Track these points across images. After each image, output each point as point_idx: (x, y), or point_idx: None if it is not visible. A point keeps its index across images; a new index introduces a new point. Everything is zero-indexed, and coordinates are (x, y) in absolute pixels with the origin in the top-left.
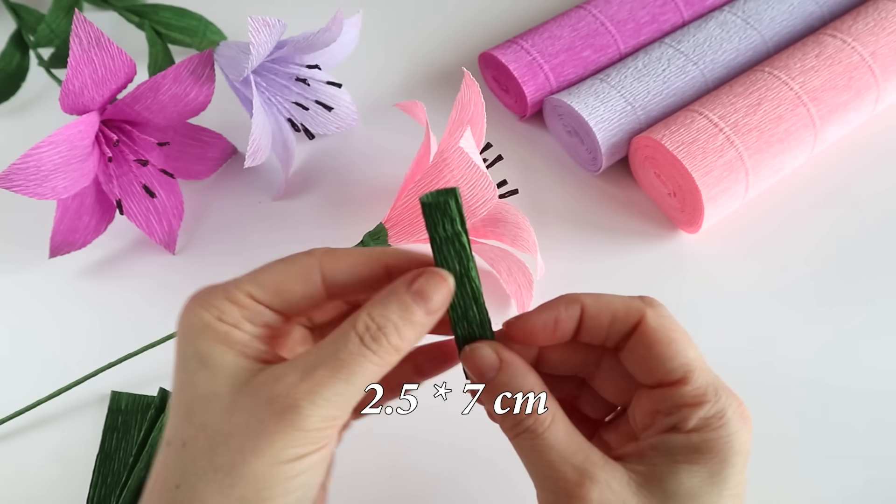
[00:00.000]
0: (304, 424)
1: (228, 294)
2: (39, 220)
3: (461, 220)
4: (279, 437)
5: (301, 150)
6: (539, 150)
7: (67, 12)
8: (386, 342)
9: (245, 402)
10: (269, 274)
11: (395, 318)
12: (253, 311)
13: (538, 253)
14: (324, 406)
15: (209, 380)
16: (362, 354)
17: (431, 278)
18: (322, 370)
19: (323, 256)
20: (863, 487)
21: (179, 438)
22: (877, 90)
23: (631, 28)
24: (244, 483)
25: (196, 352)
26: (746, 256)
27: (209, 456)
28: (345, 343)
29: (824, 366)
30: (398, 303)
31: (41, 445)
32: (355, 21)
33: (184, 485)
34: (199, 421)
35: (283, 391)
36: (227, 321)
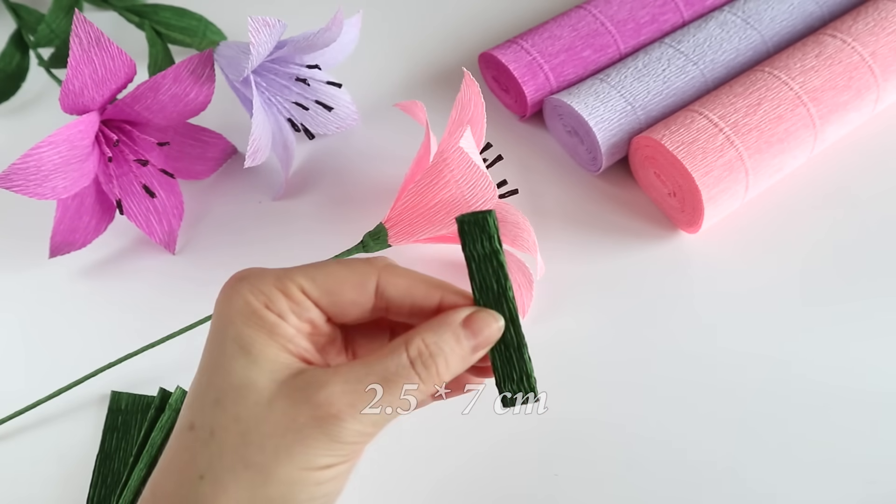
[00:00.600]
0: (342, 436)
1: (280, 283)
2: (39, 220)
3: (498, 238)
4: (315, 445)
5: (301, 150)
6: (539, 150)
7: (67, 12)
8: (435, 371)
9: (284, 402)
10: (325, 273)
11: (447, 348)
12: (301, 306)
13: (538, 253)
14: (362, 422)
15: (246, 370)
16: (409, 379)
17: (485, 315)
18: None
19: (383, 269)
20: (863, 488)
21: (207, 426)
22: (877, 90)
23: (631, 28)
24: (274, 484)
25: (238, 337)
26: (746, 256)
27: (241, 451)
28: (395, 364)
29: (824, 366)
30: (452, 334)
31: (41, 445)
32: (355, 21)
33: (209, 476)
34: (233, 412)
35: (326, 400)
36: (275, 310)
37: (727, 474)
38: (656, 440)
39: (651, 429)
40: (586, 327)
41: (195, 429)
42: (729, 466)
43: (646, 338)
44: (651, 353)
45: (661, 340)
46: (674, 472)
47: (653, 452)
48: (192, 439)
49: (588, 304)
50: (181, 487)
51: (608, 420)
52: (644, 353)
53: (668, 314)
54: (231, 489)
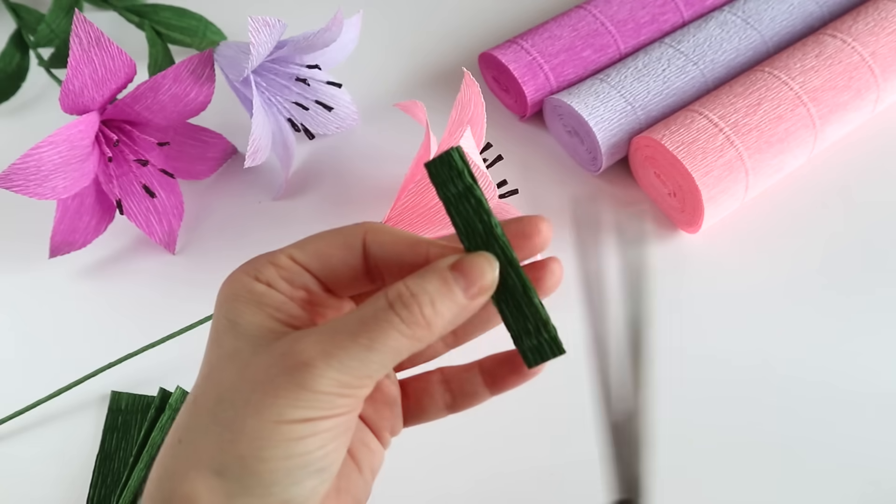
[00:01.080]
0: (314, 385)
1: (270, 256)
2: (39, 220)
3: (469, 173)
4: (284, 394)
5: (301, 150)
6: (539, 150)
7: (67, 12)
8: (418, 311)
9: (261, 359)
10: (312, 238)
11: (432, 289)
12: (291, 272)
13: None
14: (338, 369)
15: (234, 340)
16: (388, 319)
17: (474, 256)
18: (343, 333)
19: (369, 228)
20: (863, 489)
21: (192, 395)
22: (877, 90)
23: (631, 28)
24: (244, 439)
25: (227, 313)
26: (746, 256)
27: (214, 410)
28: (372, 306)
29: (824, 366)
30: (438, 276)
31: (41, 445)
32: (355, 21)
33: (185, 439)
34: (216, 379)
35: (298, 349)
36: (263, 280)
37: (725, 472)
38: (655, 439)
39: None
40: (586, 327)
41: (185, 401)
42: (729, 466)
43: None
44: (651, 352)
45: (660, 340)
46: (673, 472)
47: (651, 451)
48: (181, 411)
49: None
50: (164, 454)
51: None
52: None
53: (667, 314)
54: (203, 448)
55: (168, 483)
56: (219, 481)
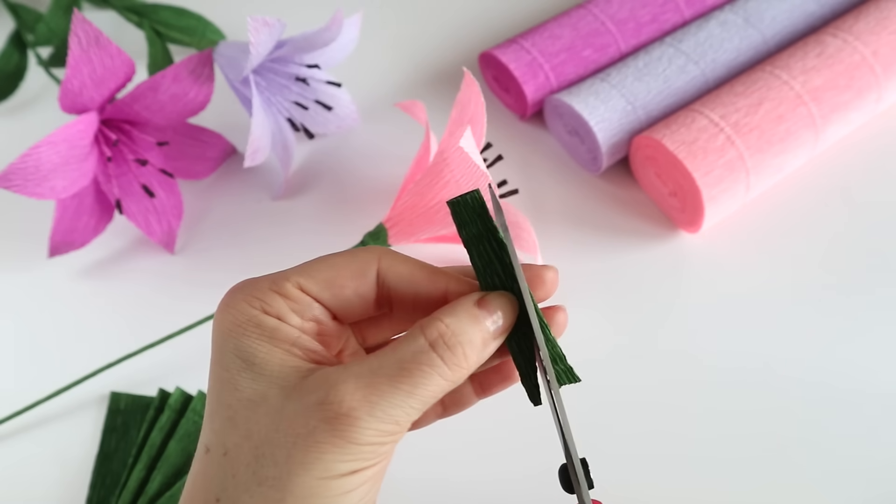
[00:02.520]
0: (360, 438)
1: (275, 285)
2: (39, 220)
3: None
4: (330, 450)
5: (301, 149)
6: (539, 150)
7: (66, 11)
8: (461, 352)
9: (294, 407)
10: (322, 265)
11: (469, 328)
12: (301, 304)
13: (538, 253)
14: (382, 419)
15: (254, 382)
16: (430, 363)
17: (496, 295)
18: (382, 378)
19: (383, 255)
20: (864, 488)
21: (221, 446)
22: (878, 90)
23: (632, 27)
24: (292, 498)
25: (238, 349)
26: (747, 256)
27: (254, 467)
28: (412, 350)
29: (824, 367)
30: (469, 315)
31: (41, 445)
32: (355, 21)
33: (224, 498)
34: (245, 428)
35: (337, 399)
36: (273, 313)
37: (726, 473)
38: (655, 439)
39: (650, 428)
40: (586, 327)
41: (210, 451)
42: (729, 466)
43: (646, 337)
44: (651, 352)
45: (661, 340)
46: (672, 472)
47: (652, 452)
48: (208, 462)
49: (588, 303)
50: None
51: (607, 419)
52: (644, 353)
53: (668, 314)
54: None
55: None
56: None
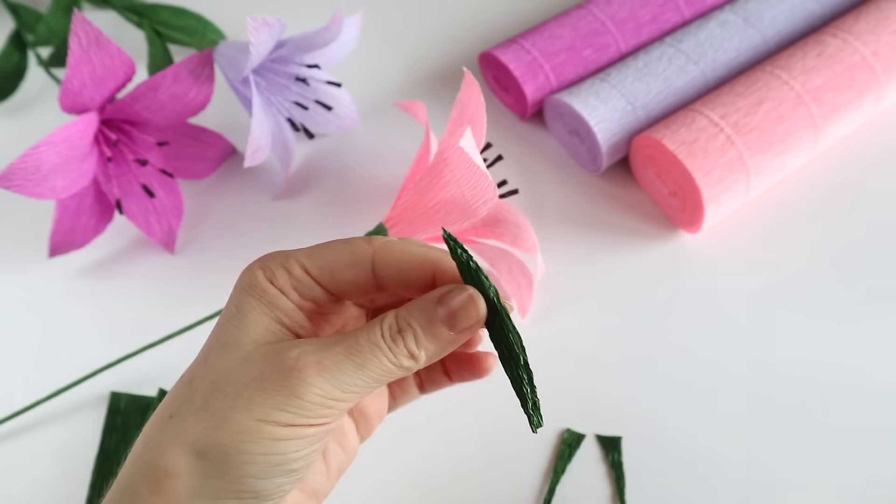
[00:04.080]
0: (304, 393)
1: (285, 261)
2: (39, 220)
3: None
4: (275, 396)
5: (301, 149)
6: (539, 150)
7: (66, 11)
8: (403, 346)
9: (258, 357)
10: (325, 252)
11: (417, 326)
12: (303, 284)
13: (538, 253)
14: (329, 382)
15: (237, 329)
16: (378, 346)
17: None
18: (338, 349)
19: (379, 247)
20: (864, 488)
21: (190, 375)
22: (878, 90)
23: (632, 27)
24: (228, 429)
25: (239, 302)
26: (747, 256)
27: (207, 397)
28: (367, 332)
29: (824, 366)
30: (425, 314)
31: (41, 445)
32: (355, 20)
33: (176, 415)
34: (213, 363)
35: (293, 355)
36: (277, 285)
37: (727, 473)
38: (655, 439)
39: (649, 428)
40: (586, 327)
41: (182, 378)
42: (729, 465)
43: (646, 337)
44: (651, 352)
45: (661, 340)
46: (671, 472)
47: (651, 452)
48: (177, 386)
49: (588, 303)
50: (153, 424)
51: (606, 420)
52: (644, 353)
53: (668, 314)
54: (190, 427)
55: (150, 454)
56: (198, 461)
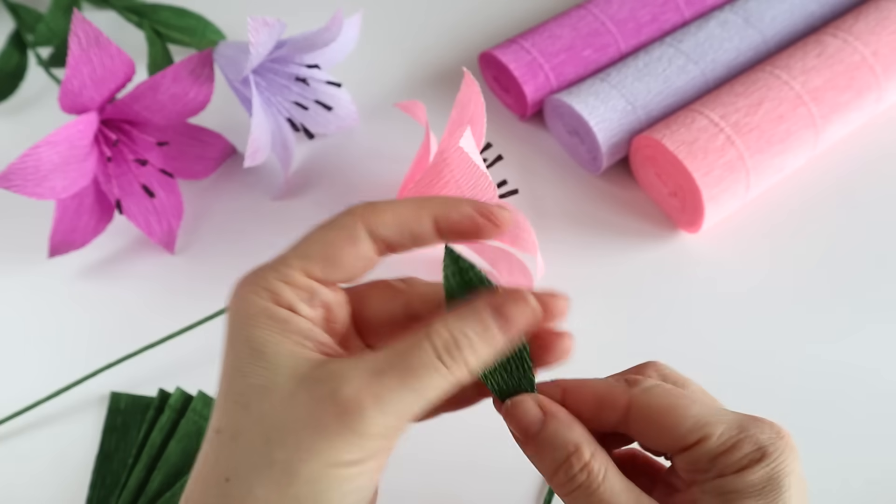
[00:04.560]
0: (367, 430)
1: (280, 274)
2: (39, 220)
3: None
4: (339, 440)
5: (301, 149)
6: (539, 150)
7: (66, 11)
8: (461, 359)
9: (305, 396)
10: (316, 244)
11: (473, 335)
12: (309, 291)
13: (538, 253)
14: (389, 414)
15: (266, 371)
16: (435, 368)
17: (515, 299)
18: (391, 377)
19: (363, 212)
20: (863, 487)
21: (232, 429)
22: (878, 90)
23: (631, 27)
24: (300, 481)
25: (248, 340)
26: (747, 256)
27: (264, 450)
28: (418, 353)
29: (824, 365)
30: (478, 320)
31: (41, 445)
32: (355, 21)
33: (235, 478)
34: (257, 412)
35: (348, 392)
36: (284, 304)
37: None
38: None
39: None
40: (586, 327)
41: (221, 432)
42: None
43: (646, 337)
44: (651, 352)
45: (661, 340)
46: None
47: None
48: (218, 443)
49: (588, 303)
50: (207, 491)
51: None
52: (644, 353)
53: (668, 314)
54: (257, 489)
55: None
56: None
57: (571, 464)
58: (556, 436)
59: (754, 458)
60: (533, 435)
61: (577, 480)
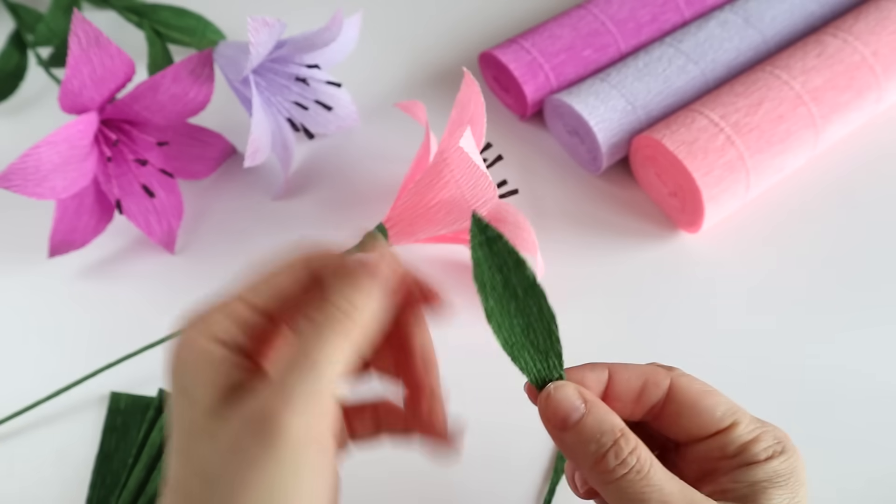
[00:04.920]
0: (289, 438)
1: (223, 307)
2: (39, 220)
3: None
4: (268, 464)
5: (301, 150)
6: (539, 150)
7: (66, 11)
8: (337, 311)
9: (225, 429)
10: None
11: (344, 286)
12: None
13: (538, 253)
14: (304, 412)
15: (191, 411)
16: (321, 335)
17: (380, 255)
18: (293, 373)
19: (244, 293)
20: (864, 487)
21: (174, 479)
22: (878, 90)
23: (631, 27)
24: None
25: (179, 381)
26: (747, 256)
27: (204, 497)
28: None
29: (824, 366)
30: (350, 276)
31: (41, 445)
32: (355, 20)
33: None
34: (190, 458)
35: (258, 407)
36: (218, 337)
37: None
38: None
39: None
40: (586, 327)
41: (168, 484)
42: None
43: (646, 337)
44: (651, 352)
45: (661, 340)
46: None
47: None
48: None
49: (588, 303)
50: None
51: None
52: (644, 353)
53: (668, 314)
54: None
55: None
56: None
57: (620, 447)
58: (603, 421)
59: (777, 449)
60: (573, 423)
61: (629, 464)
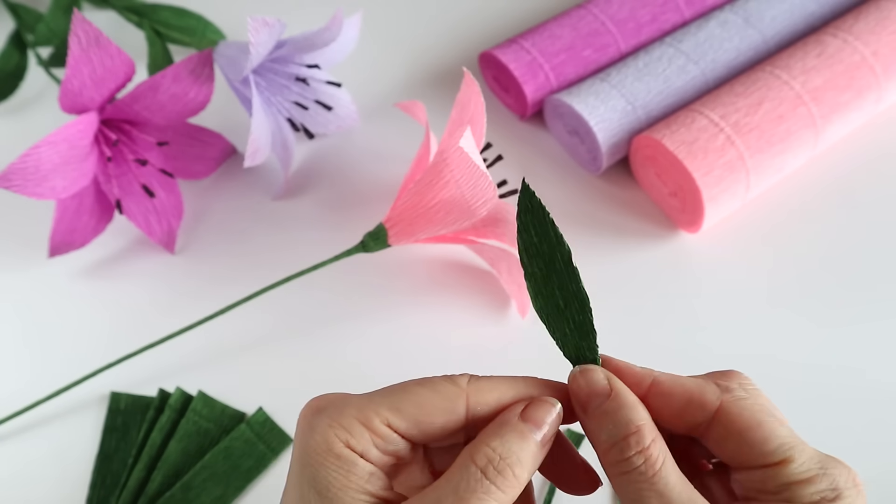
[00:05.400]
0: None
1: (362, 415)
2: (39, 220)
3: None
4: None
5: (301, 150)
6: (539, 150)
7: (66, 11)
8: (511, 474)
9: None
10: (410, 401)
11: (516, 448)
12: (387, 440)
13: None
14: None
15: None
16: (485, 489)
17: (540, 403)
18: None
19: (470, 388)
20: (864, 486)
21: None
22: (878, 90)
23: (631, 27)
24: None
25: (314, 479)
26: (747, 256)
27: None
28: (465, 479)
29: (823, 366)
30: (515, 432)
31: (41, 445)
32: (355, 20)
33: None
34: None
35: None
36: (356, 448)
37: None
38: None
39: None
40: None
41: None
42: None
43: (646, 337)
44: (651, 352)
45: (661, 340)
46: None
47: None
48: None
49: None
50: None
51: None
52: (644, 353)
53: (668, 314)
54: None
55: None
56: None
57: (629, 443)
58: (620, 411)
59: (827, 497)
60: (595, 407)
61: (633, 463)
